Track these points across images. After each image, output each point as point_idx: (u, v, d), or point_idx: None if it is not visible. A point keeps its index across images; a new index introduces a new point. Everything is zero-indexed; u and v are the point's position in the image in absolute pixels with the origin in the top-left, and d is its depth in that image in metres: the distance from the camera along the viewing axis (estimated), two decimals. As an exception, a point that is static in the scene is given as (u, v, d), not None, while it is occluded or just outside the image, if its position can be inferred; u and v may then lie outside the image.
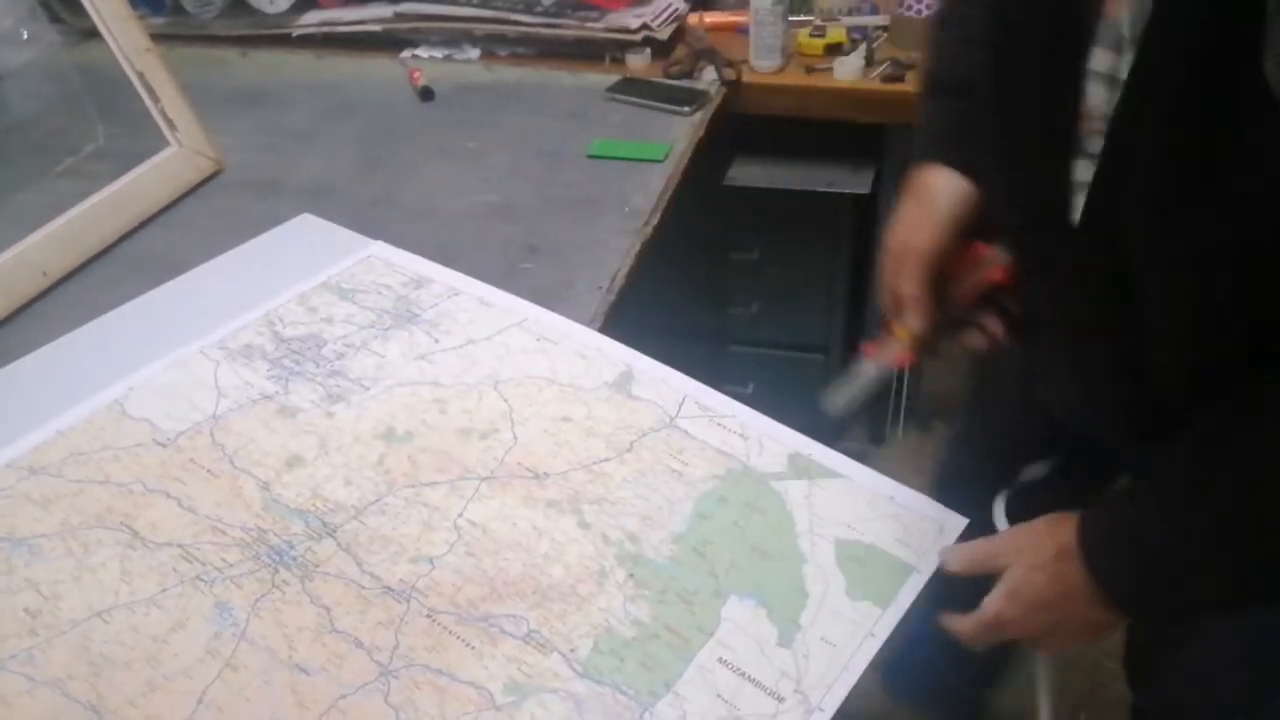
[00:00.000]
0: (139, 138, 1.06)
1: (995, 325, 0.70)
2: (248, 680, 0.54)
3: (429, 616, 0.57)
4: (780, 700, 0.54)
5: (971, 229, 0.69)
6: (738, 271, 1.45)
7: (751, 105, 1.25)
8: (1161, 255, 0.53)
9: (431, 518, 0.64)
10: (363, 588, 0.59)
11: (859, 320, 1.57)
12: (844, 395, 0.71)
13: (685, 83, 1.22)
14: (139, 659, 0.56)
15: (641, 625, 0.58)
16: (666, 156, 1.05)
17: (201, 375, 0.76)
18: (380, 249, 0.91)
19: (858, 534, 0.64)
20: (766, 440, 0.70)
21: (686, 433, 0.71)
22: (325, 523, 0.64)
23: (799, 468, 0.68)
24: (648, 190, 1.00)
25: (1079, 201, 0.57)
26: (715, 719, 0.53)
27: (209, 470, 0.68)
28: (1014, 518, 0.71)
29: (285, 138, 1.15)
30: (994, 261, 0.68)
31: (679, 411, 0.72)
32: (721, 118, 1.18)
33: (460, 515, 0.64)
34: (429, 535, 0.62)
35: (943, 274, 0.68)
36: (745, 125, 1.26)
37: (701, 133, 1.11)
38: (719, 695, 0.54)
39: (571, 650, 0.56)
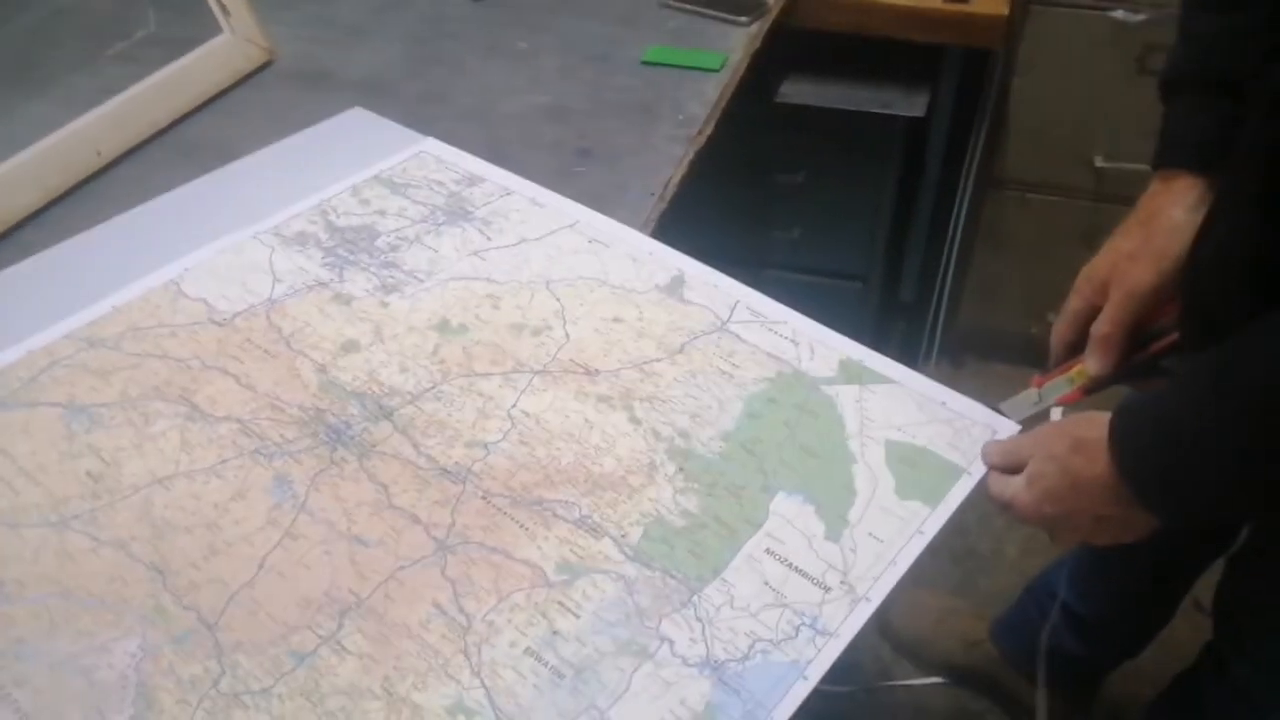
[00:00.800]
0: (191, 25, 1.05)
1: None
2: (308, 549, 0.56)
3: (484, 498, 0.58)
4: (827, 590, 0.55)
5: None
6: (782, 193, 1.43)
7: (809, 19, 1.22)
8: None
9: (486, 406, 0.64)
10: (419, 468, 0.60)
11: (900, 250, 1.56)
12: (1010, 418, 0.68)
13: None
14: (200, 525, 0.57)
15: (691, 516, 0.58)
16: (723, 66, 1.03)
17: (257, 259, 0.76)
18: (432, 145, 0.90)
19: (908, 436, 0.64)
20: (818, 346, 0.70)
21: (738, 336, 0.71)
22: (381, 406, 0.64)
23: (851, 373, 0.68)
24: (703, 99, 0.98)
25: None
26: (762, 605, 0.54)
27: (266, 350, 0.68)
28: None
29: (336, 30, 1.14)
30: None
31: (730, 316, 0.72)
32: (778, 31, 1.16)
33: (514, 406, 0.64)
34: (483, 423, 0.63)
35: (1145, 316, 0.64)
36: (800, 41, 1.24)
37: (758, 44, 1.08)
38: (766, 583, 0.55)
39: (622, 535, 0.57)
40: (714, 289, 0.74)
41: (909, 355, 1.65)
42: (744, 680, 0.51)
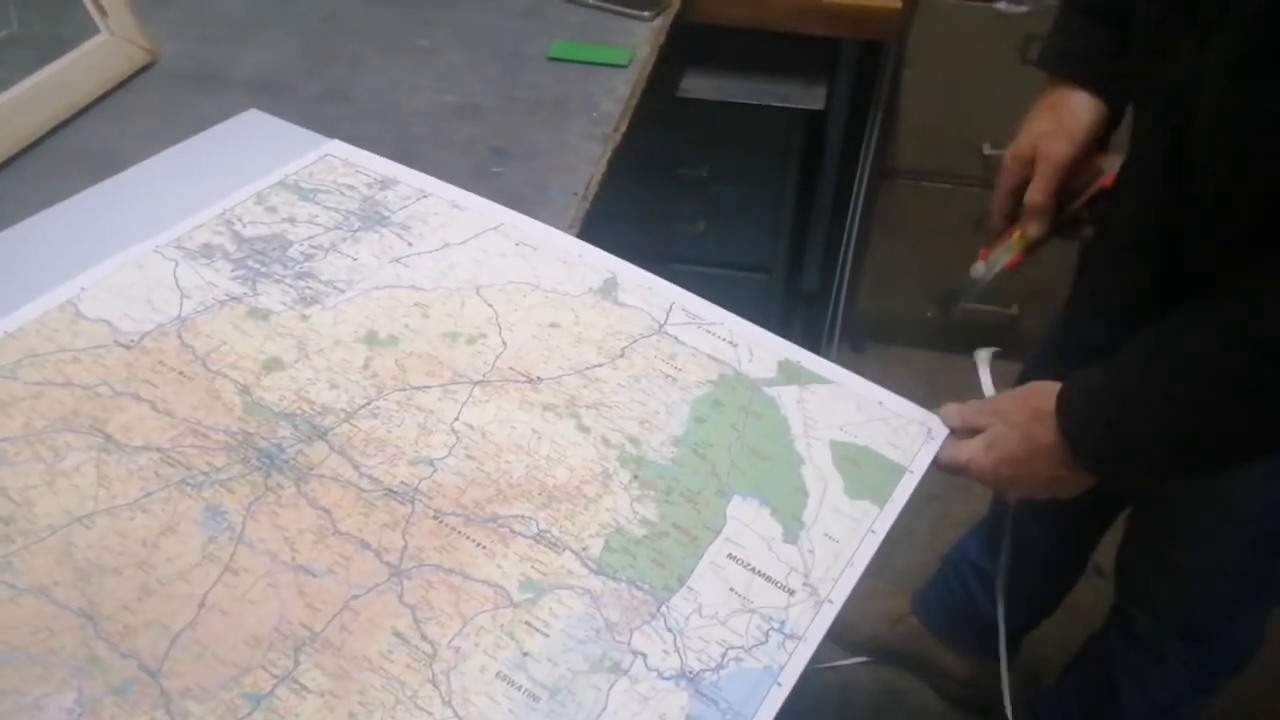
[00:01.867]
0: (58, 24, 0.99)
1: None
2: (251, 583, 0.52)
3: (435, 518, 0.56)
4: (791, 593, 0.55)
5: (1096, 146, 0.76)
6: (686, 188, 1.43)
7: (708, 14, 1.22)
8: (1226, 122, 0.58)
9: (427, 421, 0.62)
10: (362, 490, 0.57)
11: (803, 241, 1.58)
12: (965, 297, 0.78)
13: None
14: (129, 564, 0.53)
15: (650, 524, 0.58)
16: (631, 62, 1.02)
17: (160, 275, 0.72)
18: (338, 147, 0.87)
19: (851, 436, 0.65)
20: (755, 347, 0.70)
21: (676, 339, 0.70)
22: (314, 425, 0.61)
23: (789, 373, 0.69)
24: (614, 96, 0.97)
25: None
26: (730, 611, 0.54)
27: (181, 373, 0.64)
28: None
29: (222, 28, 1.08)
30: (1108, 169, 0.73)
31: (667, 318, 0.71)
32: (679, 25, 1.15)
33: (456, 419, 0.62)
34: (426, 438, 0.61)
35: (1067, 181, 0.75)
36: (699, 35, 1.24)
37: (663, 39, 1.08)
38: (732, 589, 0.55)
39: (584, 549, 0.56)
40: (648, 291, 0.73)
41: (811, 342, 1.66)
42: (720, 690, 0.50)
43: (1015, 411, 0.66)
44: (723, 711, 0.49)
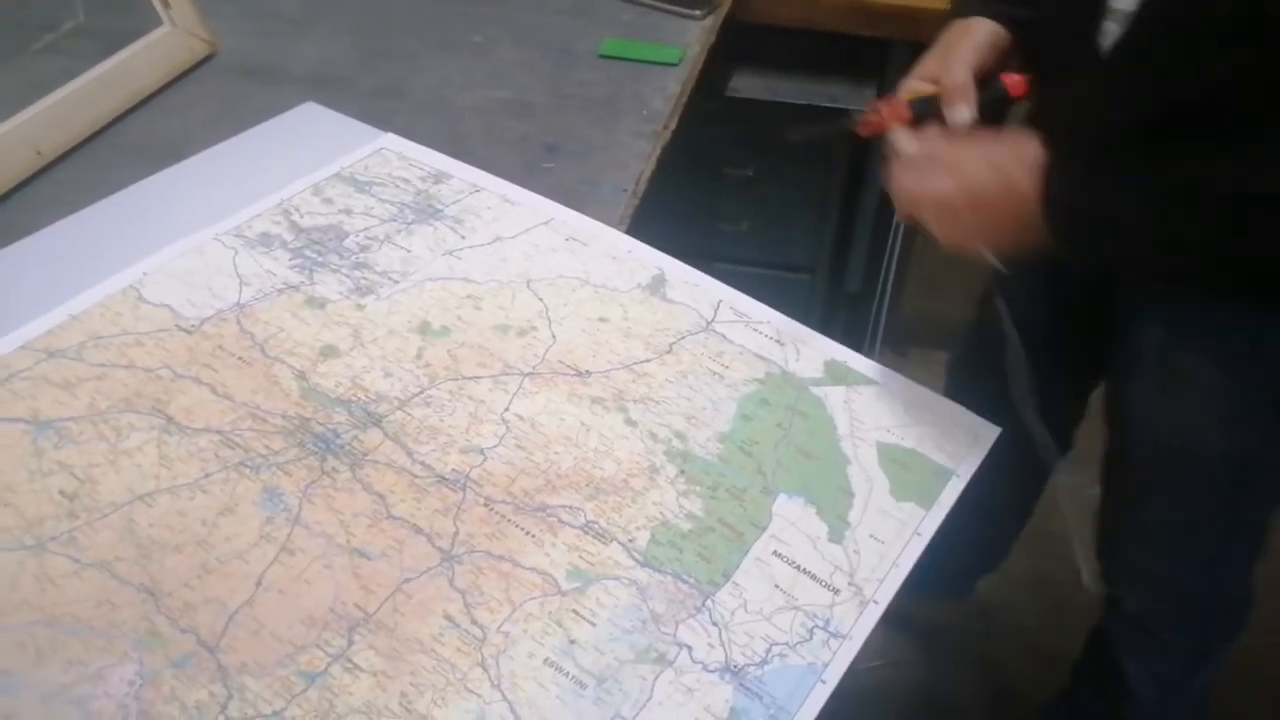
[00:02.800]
0: (122, 16, 1.01)
1: None
2: (307, 564, 0.54)
3: (486, 505, 0.57)
4: (835, 592, 0.56)
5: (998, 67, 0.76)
6: (731, 187, 1.43)
7: (758, 13, 1.23)
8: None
9: (478, 410, 0.63)
10: (415, 476, 0.58)
11: (847, 243, 1.57)
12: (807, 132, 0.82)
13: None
14: (189, 542, 0.55)
15: (696, 519, 0.58)
16: (681, 60, 1.03)
17: (220, 262, 0.74)
18: (392, 141, 0.88)
19: (898, 438, 0.65)
20: (802, 346, 0.71)
21: (724, 336, 0.70)
22: (369, 412, 0.62)
23: (836, 374, 0.69)
24: (665, 94, 0.98)
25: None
26: (774, 608, 0.54)
27: (240, 358, 0.66)
28: None
29: (278, 23, 1.10)
30: (1014, 81, 0.74)
31: (715, 316, 0.72)
32: (729, 24, 1.16)
33: (506, 409, 0.63)
34: (477, 427, 0.62)
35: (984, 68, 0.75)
36: (749, 35, 1.24)
37: (714, 38, 1.08)
38: (777, 586, 0.55)
39: (630, 540, 0.56)
40: (695, 288, 0.74)
41: (853, 344, 1.65)
42: (764, 685, 0.51)
43: (998, 151, 0.65)
44: (767, 706, 0.49)
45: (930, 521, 0.60)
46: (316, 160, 0.85)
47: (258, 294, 0.71)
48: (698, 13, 1.11)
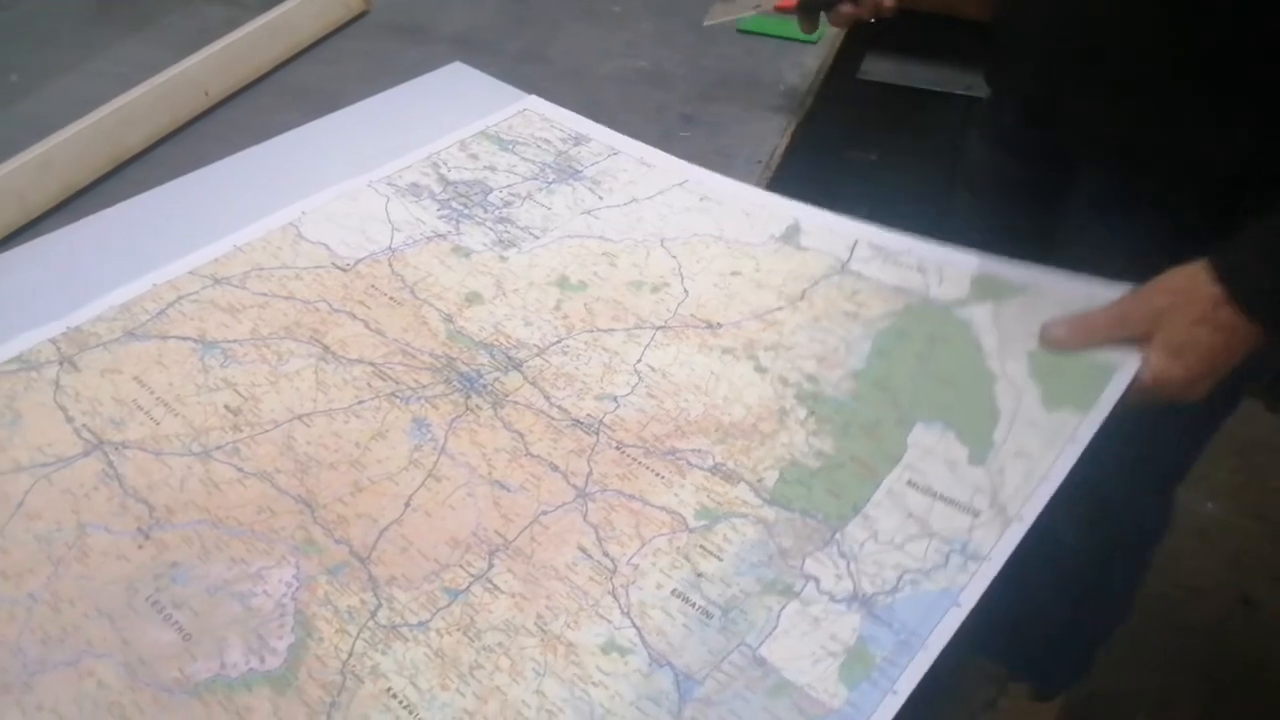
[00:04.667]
0: (284, -29, 1.06)
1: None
2: (451, 490, 0.57)
3: (618, 449, 0.59)
4: (975, 514, 0.54)
5: None
6: (852, 171, 1.43)
7: (899, -3, 1.22)
8: None
9: (612, 361, 0.65)
10: (552, 418, 0.61)
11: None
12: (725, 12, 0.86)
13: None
14: (343, 461, 0.58)
15: (826, 457, 0.58)
16: (820, 38, 1.03)
17: (372, 208, 0.77)
18: (535, 103, 0.91)
19: None
20: (946, 268, 0.69)
21: (860, 275, 0.70)
22: (510, 357, 0.65)
23: (983, 289, 0.67)
24: (802, 70, 0.99)
25: None
26: (907, 537, 0.54)
27: (391, 298, 0.70)
28: None
29: (428, -16, 1.14)
30: None
31: (851, 256, 0.72)
32: None
33: (639, 360, 0.65)
34: (611, 376, 0.64)
35: None
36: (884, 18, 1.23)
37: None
38: (910, 515, 0.55)
39: (758, 480, 0.57)
40: (830, 232, 0.74)
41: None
42: (894, 612, 0.50)
43: (1184, 305, 0.60)
44: (896, 633, 0.49)
45: (1088, 425, 0.58)
46: (463, 117, 0.88)
47: (408, 240, 0.75)
48: None
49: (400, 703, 0.48)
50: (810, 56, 1.01)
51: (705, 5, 1.09)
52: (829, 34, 1.05)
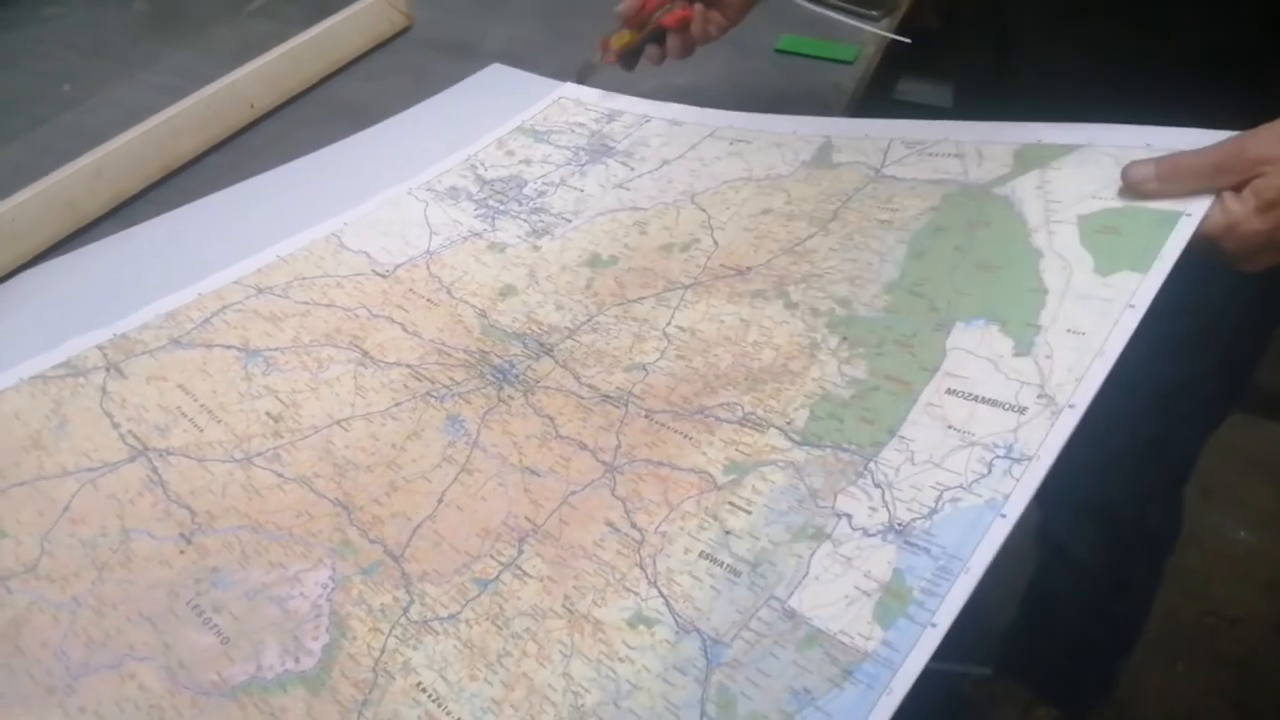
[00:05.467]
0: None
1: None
2: (483, 482, 0.56)
3: (646, 417, 0.58)
4: (1021, 411, 0.49)
5: None
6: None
7: (936, 19, 1.18)
8: None
9: (641, 329, 0.64)
10: (582, 398, 0.60)
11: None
12: (586, 75, 0.90)
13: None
14: (379, 463, 0.58)
15: (859, 383, 0.55)
16: (857, 59, 1.00)
17: (412, 214, 0.78)
18: (570, 89, 0.91)
19: (1106, 201, 0.57)
20: (986, 146, 0.65)
21: (895, 178, 0.67)
22: (541, 343, 0.64)
23: (1028, 159, 0.63)
24: (838, 90, 0.96)
25: None
26: (946, 451, 0.49)
27: (428, 300, 0.70)
28: None
29: (467, 1, 1.15)
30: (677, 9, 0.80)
31: (885, 160, 0.69)
32: (906, 27, 1.12)
33: (668, 324, 0.63)
34: (640, 345, 0.62)
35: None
36: (921, 39, 1.19)
37: (890, 39, 1.05)
38: (950, 427, 0.50)
39: (788, 423, 0.54)
40: (863, 140, 0.71)
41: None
42: (933, 536, 0.46)
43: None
44: (935, 558, 0.45)
45: (1148, 285, 0.52)
46: (501, 116, 0.88)
47: (445, 242, 0.75)
48: (875, 13, 1.08)
49: (430, 696, 0.47)
50: (846, 77, 0.98)
51: (743, 30, 1.07)
52: (865, 55, 1.01)
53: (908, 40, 1.03)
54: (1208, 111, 0.57)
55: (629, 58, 0.84)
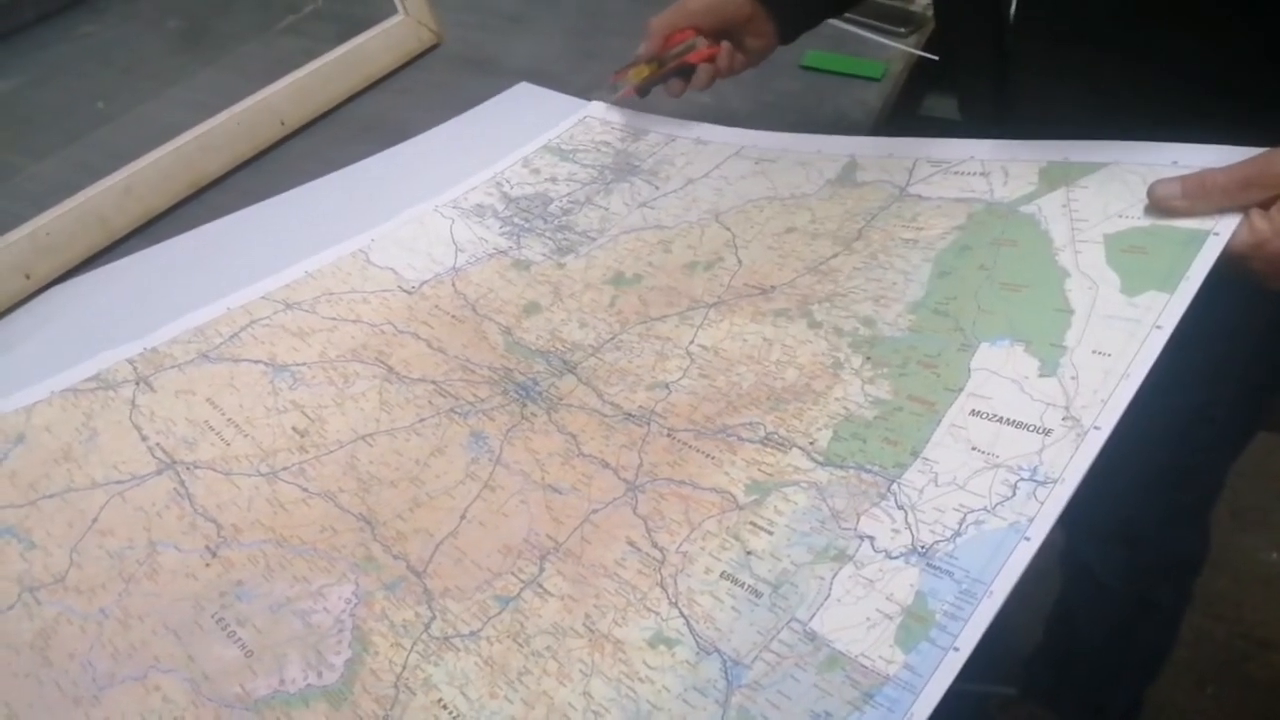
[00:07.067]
0: (355, 2, 1.10)
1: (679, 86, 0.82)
2: (505, 499, 0.56)
3: (668, 435, 0.58)
4: (1046, 433, 0.49)
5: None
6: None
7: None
8: None
9: (664, 348, 0.64)
10: (604, 416, 0.60)
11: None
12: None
13: (900, 3, 1.15)
14: (403, 479, 0.59)
15: (883, 403, 0.55)
16: (883, 75, 1.00)
17: (438, 231, 0.78)
18: (596, 108, 0.91)
19: (1132, 220, 0.57)
20: (1012, 165, 0.65)
21: (919, 197, 0.67)
22: (565, 361, 0.65)
23: (1053, 177, 0.62)
24: (865, 107, 0.96)
25: None
26: (969, 473, 0.49)
27: (454, 316, 0.70)
28: None
29: (496, 18, 1.16)
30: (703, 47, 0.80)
31: (910, 179, 0.69)
32: (933, 44, 1.12)
33: (691, 342, 0.64)
34: (663, 364, 0.63)
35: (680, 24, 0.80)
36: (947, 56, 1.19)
37: (917, 56, 1.05)
38: (974, 449, 0.50)
39: (811, 443, 0.54)
40: (888, 159, 0.71)
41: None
42: (956, 559, 0.46)
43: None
44: (958, 581, 0.45)
45: (1174, 306, 0.51)
46: (527, 134, 0.89)
47: (471, 259, 0.75)
48: (902, 30, 1.08)
49: (450, 713, 0.47)
50: (873, 94, 0.98)
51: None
52: (892, 71, 1.01)
53: (935, 57, 1.03)
54: (1211, 141, 0.57)
55: (644, 88, 0.84)
